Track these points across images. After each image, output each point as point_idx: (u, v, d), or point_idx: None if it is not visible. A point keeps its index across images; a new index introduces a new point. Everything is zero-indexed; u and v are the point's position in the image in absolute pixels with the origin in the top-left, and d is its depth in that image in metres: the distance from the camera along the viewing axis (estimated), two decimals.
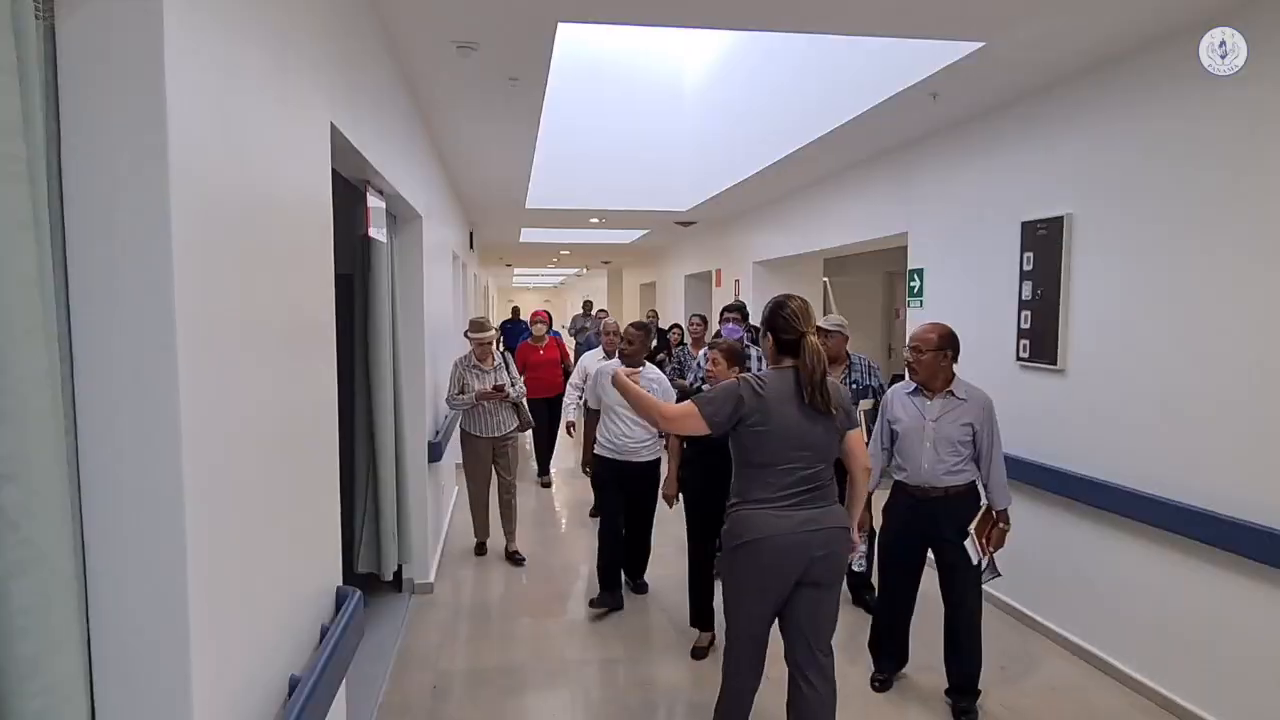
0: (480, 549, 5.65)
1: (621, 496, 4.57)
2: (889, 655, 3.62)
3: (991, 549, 3.34)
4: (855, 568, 3.69)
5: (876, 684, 3.60)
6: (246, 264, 1.64)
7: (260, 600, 1.69)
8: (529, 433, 6.70)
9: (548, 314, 8.03)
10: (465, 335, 5.68)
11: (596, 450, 4.60)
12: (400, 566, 4.44)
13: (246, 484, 1.61)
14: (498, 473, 5.53)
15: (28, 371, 1.00)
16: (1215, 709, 3.25)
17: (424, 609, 4.62)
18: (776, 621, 2.78)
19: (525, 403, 5.70)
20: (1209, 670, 3.29)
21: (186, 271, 1.30)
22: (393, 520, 3.98)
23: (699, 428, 2.67)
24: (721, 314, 5.80)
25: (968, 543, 3.28)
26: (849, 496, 2.92)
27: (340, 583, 2.46)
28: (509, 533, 5.55)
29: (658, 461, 4.51)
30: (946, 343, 3.33)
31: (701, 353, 5.44)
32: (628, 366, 4.31)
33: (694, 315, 7.07)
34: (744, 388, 2.66)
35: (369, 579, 4.11)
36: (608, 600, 4.54)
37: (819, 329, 4.24)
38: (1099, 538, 3.86)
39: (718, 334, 5.19)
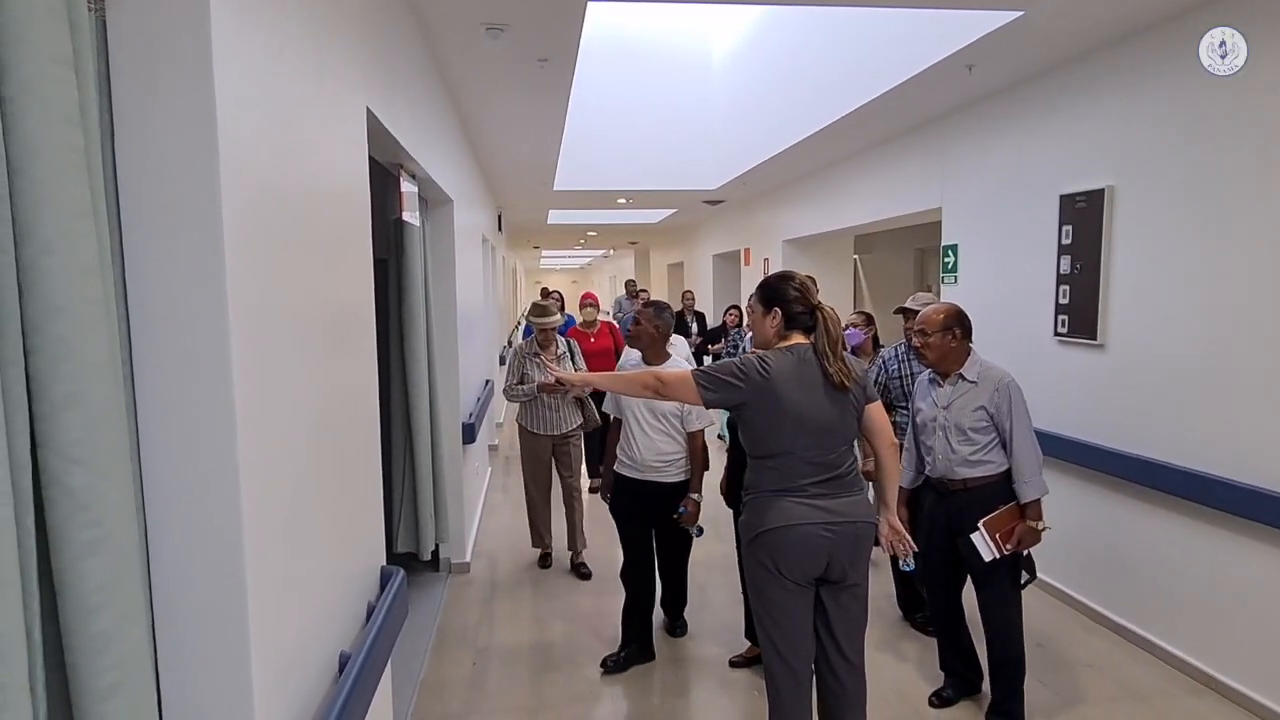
0: (544, 560, 5.02)
1: (647, 529, 3.72)
2: (953, 672, 3.32)
3: (1010, 547, 2.95)
4: (903, 567, 3.52)
5: (933, 700, 3.30)
6: (292, 250, 1.66)
7: (311, 578, 1.73)
8: None
9: (595, 295, 7.26)
10: (525, 319, 5.06)
11: (616, 467, 3.74)
12: (437, 546, 4.52)
13: (296, 465, 1.64)
14: (559, 474, 4.99)
15: (91, 359, 1.03)
16: (1264, 688, 3.21)
17: (461, 588, 4.69)
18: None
19: (591, 399, 5.01)
20: (1257, 648, 3.24)
21: (237, 259, 1.33)
22: (430, 501, 4.05)
23: (696, 400, 2.49)
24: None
25: (975, 535, 2.95)
26: (879, 476, 2.68)
27: (384, 562, 2.51)
28: (574, 541, 4.95)
29: (683, 485, 3.62)
30: (953, 321, 3.07)
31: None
32: (636, 352, 3.77)
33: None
34: (748, 367, 2.42)
35: (407, 558, 4.19)
36: (627, 657, 3.68)
37: (905, 310, 4.05)
38: (1139, 514, 3.81)
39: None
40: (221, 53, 1.28)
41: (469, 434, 5.06)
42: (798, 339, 2.50)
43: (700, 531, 3.60)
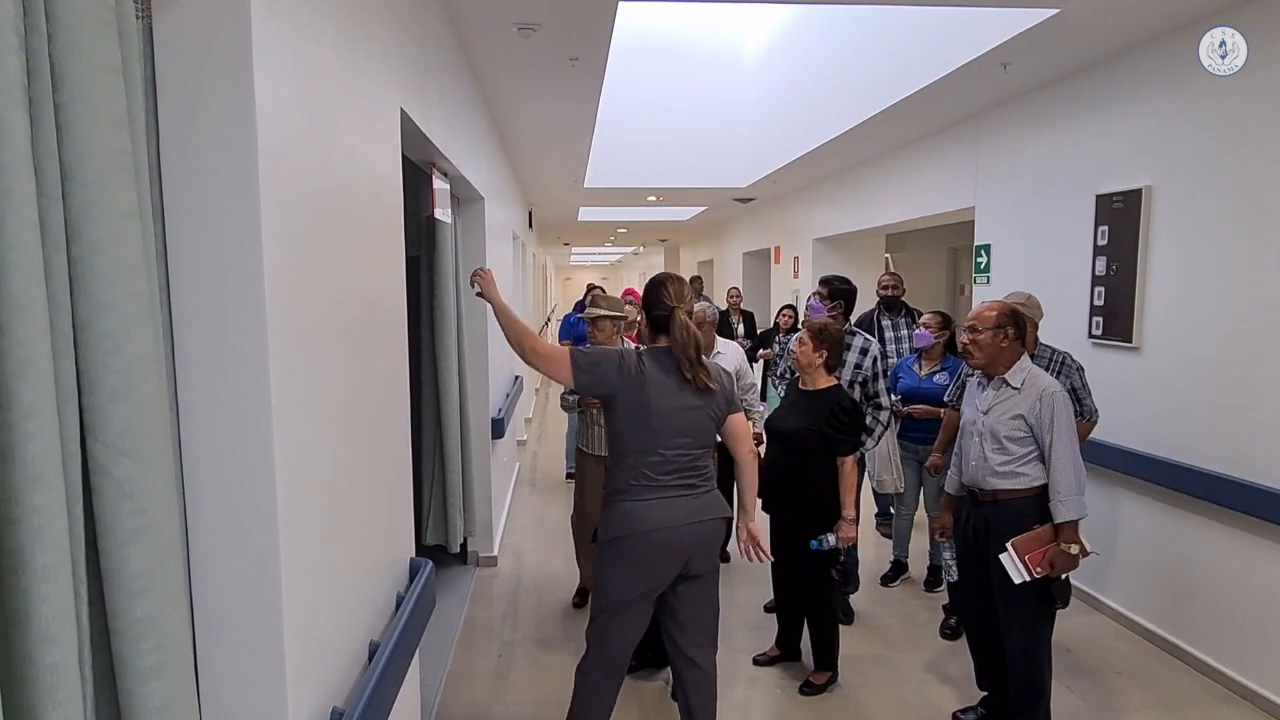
0: (583, 596, 4.37)
1: None
2: (990, 690, 3.14)
3: (1040, 570, 2.74)
4: (948, 578, 3.30)
5: (955, 716, 3.20)
6: (327, 249, 1.71)
7: (342, 568, 1.77)
8: None
9: (637, 292, 6.06)
10: (582, 315, 4.31)
11: None
12: (465, 539, 4.57)
13: (329, 458, 1.69)
14: None
15: (138, 354, 1.07)
16: None
17: (488, 581, 4.75)
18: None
19: None
20: None
21: (274, 258, 1.37)
22: (458, 495, 4.10)
23: (566, 379, 2.49)
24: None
25: (1004, 556, 2.77)
26: (738, 483, 2.66)
27: (413, 554, 2.55)
28: None
29: None
30: (1007, 320, 2.88)
31: (794, 337, 4.74)
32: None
33: (812, 294, 5.66)
34: (625, 360, 2.48)
35: (436, 551, 4.25)
36: (653, 656, 3.50)
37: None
38: (1171, 519, 3.75)
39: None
40: (262, 58, 1.32)
41: (498, 429, 5.11)
42: (664, 341, 2.54)
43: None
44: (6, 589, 0.90)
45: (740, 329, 8.14)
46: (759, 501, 3.78)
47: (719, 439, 2.67)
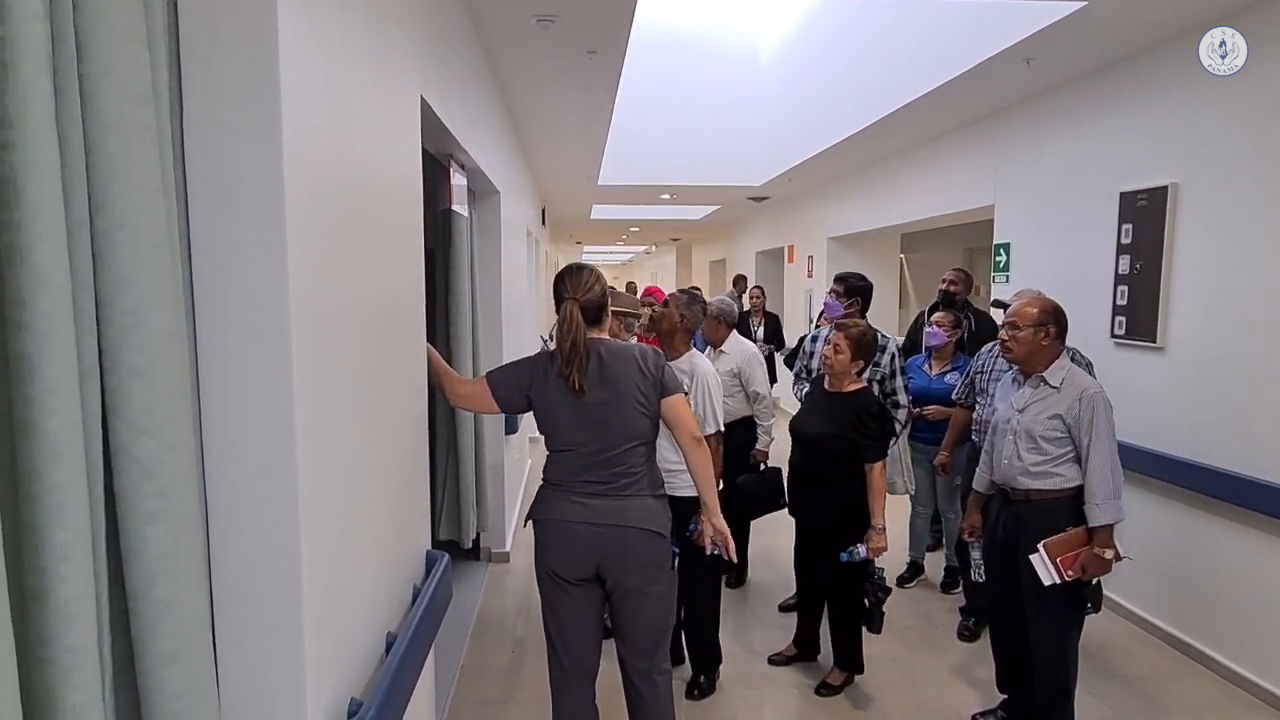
0: None
1: None
2: (1011, 693, 3.10)
3: (1072, 573, 2.69)
4: (974, 578, 3.30)
5: (975, 719, 3.17)
6: (350, 237, 1.68)
7: (361, 557, 1.75)
8: None
9: (661, 291, 5.77)
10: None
11: None
12: (479, 534, 4.55)
13: (350, 444, 1.66)
14: None
15: (160, 332, 1.05)
16: None
17: (501, 576, 4.73)
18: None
19: None
20: None
21: (298, 241, 1.34)
22: (471, 490, 4.08)
23: (491, 409, 2.43)
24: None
25: (1035, 557, 2.71)
26: (690, 472, 2.48)
27: (429, 547, 2.53)
28: None
29: (696, 500, 2.70)
30: (1049, 318, 2.80)
31: (812, 334, 4.33)
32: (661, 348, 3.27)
33: (829, 291, 4.88)
34: (537, 360, 2.41)
35: (448, 546, 4.23)
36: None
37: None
38: (1195, 522, 3.69)
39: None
40: (287, 35, 1.29)
41: (511, 424, 5.09)
42: (595, 332, 2.43)
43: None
44: (25, 567, 0.88)
45: (759, 332, 7.34)
46: (776, 506, 3.78)
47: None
